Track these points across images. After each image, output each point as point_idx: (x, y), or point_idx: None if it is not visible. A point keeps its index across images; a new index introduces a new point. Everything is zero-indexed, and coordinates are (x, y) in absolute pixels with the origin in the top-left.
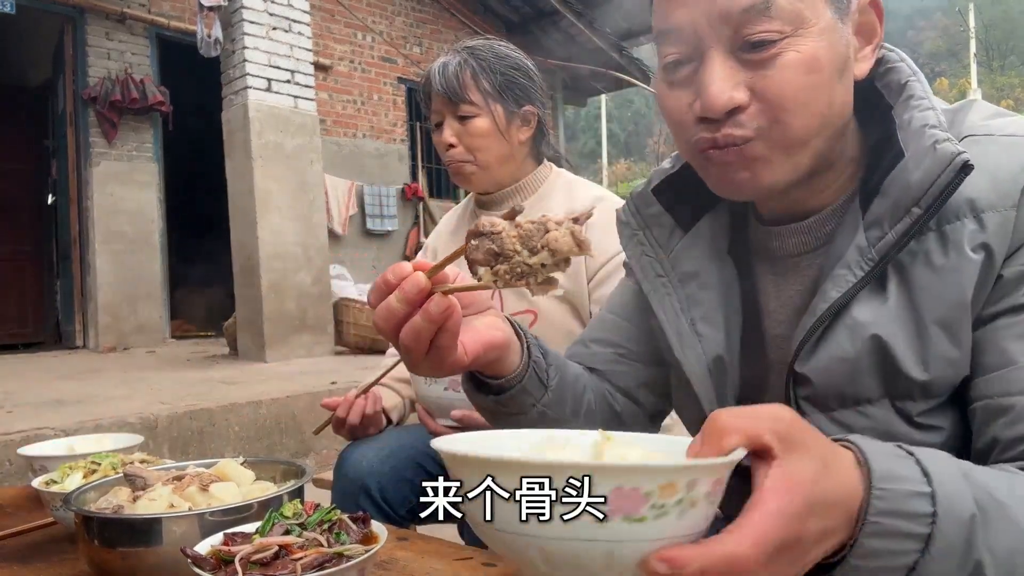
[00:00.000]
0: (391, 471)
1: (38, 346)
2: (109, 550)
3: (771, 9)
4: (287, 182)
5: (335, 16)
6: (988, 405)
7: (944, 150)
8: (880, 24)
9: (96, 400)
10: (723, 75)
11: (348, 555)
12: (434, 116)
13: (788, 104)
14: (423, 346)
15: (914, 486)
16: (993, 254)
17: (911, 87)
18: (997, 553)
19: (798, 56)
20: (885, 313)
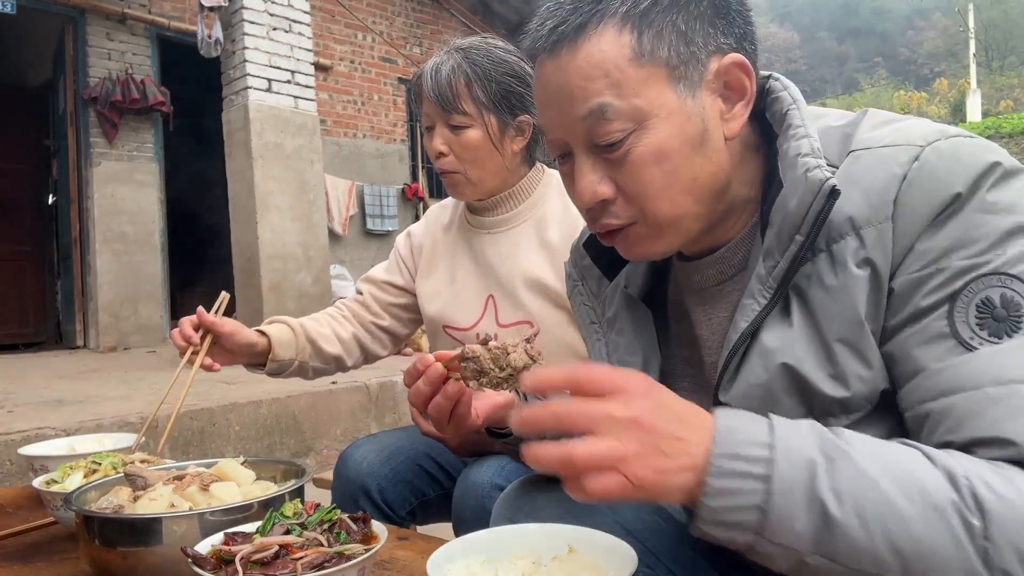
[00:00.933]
0: (391, 472)
1: (38, 346)
2: (110, 549)
3: (608, 112)
4: (287, 182)
5: (335, 16)
6: (912, 416)
7: (814, 177)
8: (750, 79)
9: (97, 400)
10: (587, 173)
11: (348, 555)
12: (425, 119)
13: (647, 196)
14: (445, 416)
15: (753, 436)
16: (877, 268)
17: (790, 116)
18: (841, 493)
19: (646, 150)
20: (791, 337)
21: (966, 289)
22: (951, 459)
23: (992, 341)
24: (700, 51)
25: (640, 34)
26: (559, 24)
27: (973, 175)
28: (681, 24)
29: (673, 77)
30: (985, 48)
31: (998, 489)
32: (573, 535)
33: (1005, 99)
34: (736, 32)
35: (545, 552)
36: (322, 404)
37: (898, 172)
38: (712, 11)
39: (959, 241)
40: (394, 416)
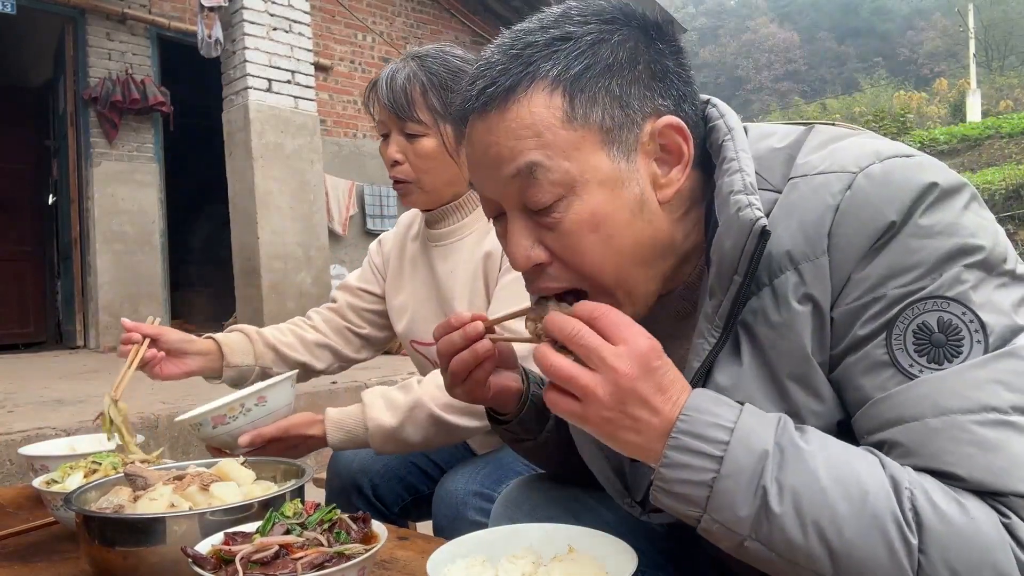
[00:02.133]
0: (383, 469)
1: (39, 346)
2: (110, 549)
3: (537, 173)
4: (287, 182)
5: (335, 17)
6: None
7: (745, 217)
8: (687, 142)
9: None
10: (519, 237)
11: (348, 555)
12: (380, 127)
13: (583, 264)
14: (464, 373)
15: (718, 420)
16: (818, 303)
17: (724, 148)
18: (784, 486)
19: (578, 216)
20: (742, 375)
21: (902, 315)
22: (903, 471)
23: (932, 368)
24: (636, 114)
25: (572, 98)
26: (489, 85)
27: (907, 200)
28: (616, 88)
29: (606, 141)
30: (985, 48)
31: (940, 505)
32: (573, 535)
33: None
34: (674, 94)
35: (545, 552)
36: (322, 404)
37: (831, 203)
38: (648, 75)
39: (895, 268)
40: None
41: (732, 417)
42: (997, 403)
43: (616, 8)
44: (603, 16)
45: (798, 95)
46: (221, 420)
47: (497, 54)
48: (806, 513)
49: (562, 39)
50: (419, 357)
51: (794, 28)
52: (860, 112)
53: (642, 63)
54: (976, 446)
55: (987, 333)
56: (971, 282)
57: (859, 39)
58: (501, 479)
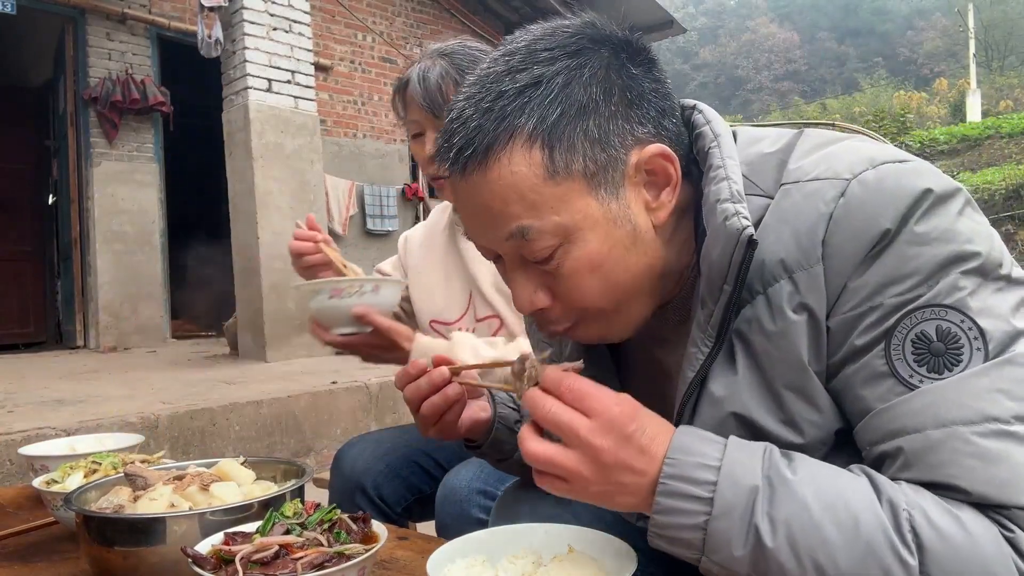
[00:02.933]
0: (387, 469)
1: (39, 346)
2: (110, 549)
3: (528, 233)
4: (287, 182)
5: (335, 17)
6: (868, 455)
7: (732, 226)
8: (675, 167)
9: (97, 400)
10: (521, 285)
11: (348, 555)
12: (412, 126)
13: (584, 304)
14: (436, 417)
15: (704, 460)
16: (813, 312)
17: (711, 155)
18: (776, 520)
19: (577, 263)
20: (737, 385)
21: (900, 325)
22: (899, 491)
23: (932, 378)
24: (617, 150)
25: (551, 150)
26: (465, 146)
27: (901, 208)
28: (593, 130)
29: (592, 185)
30: (985, 48)
31: (939, 525)
32: (573, 535)
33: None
34: (652, 115)
35: (545, 552)
36: (322, 404)
37: (824, 211)
38: (624, 104)
39: (891, 277)
40: (394, 416)
41: (717, 455)
42: (998, 413)
43: (582, 34)
44: (569, 48)
45: (798, 95)
46: (338, 293)
47: (469, 107)
48: (800, 546)
49: (532, 85)
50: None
51: (794, 28)
52: (860, 112)
53: (616, 93)
54: (978, 458)
55: (986, 340)
56: (968, 288)
57: (859, 39)
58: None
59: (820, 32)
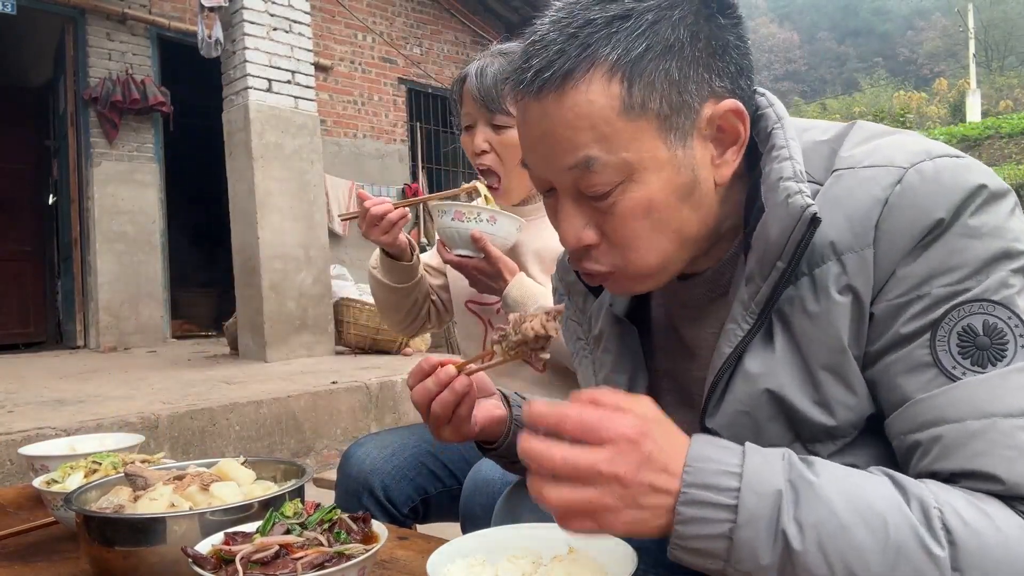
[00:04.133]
0: (394, 470)
1: (39, 346)
2: (110, 549)
3: (594, 166)
4: (288, 182)
5: (335, 17)
6: (899, 446)
7: (795, 204)
8: (745, 126)
9: (97, 400)
10: (571, 217)
11: (348, 554)
12: (465, 119)
13: (631, 247)
14: (448, 414)
15: (724, 466)
16: (859, 295)
17: (774, 136)
18: (804, 525)
19: (633, 202)
20: (774, 363)
21: (947, 317)
22: (926, 489)
23: (975, 371)
24: (693, 98)
25: (631, 85)
26: (545, 68)
27: (956, 200)
28: (675, 72)
29: (664, 128)
30: (985, 48)
31: (971, 521)
32: (574, 538)
33: (1005, 99)
34: (732, 71)
35: (545, 552)
36: (322, 404)
37: (880, 196)
38: (708, 53)
39: (940, 267)
40: (394, 416)
41: (737, 461)
42: None
43: None
44: None
45: (798, 95)
46: (460, 216)
47: (553, 31)
48: (830, 551)
49: (622, 17)
50: (472, 317)
51: (794, 28)
52: (860, 112)
53: (702, 40)
54: (1016, 450)
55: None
56: (1017, 287)
57: (859, 39)
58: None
59: (820, 32)
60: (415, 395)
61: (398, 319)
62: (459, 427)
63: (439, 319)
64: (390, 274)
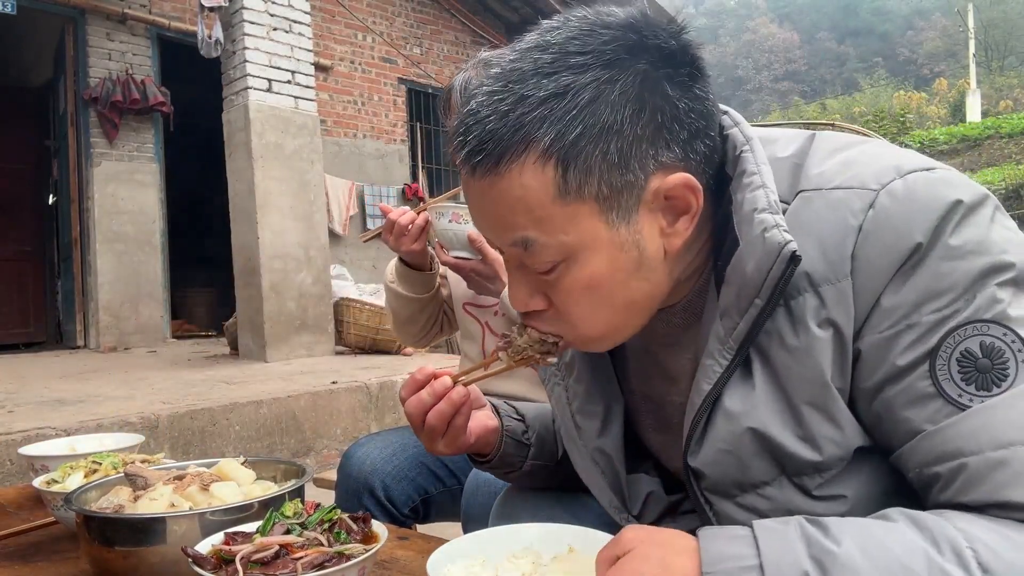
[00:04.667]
0: (395, 470)
1: (39, 346)
2: (110, 549)
3: (532, 246)
4: (288, 182)
5: (335, 17)
6: (918, 478)
7: (772, 240)
8: (697, 198)
9: (97, 400)
10: (519, 285)
11: (348, 554)
12: None
13: (577, 319)
14: (444, 426)
15: (742, 561)
16: (840, 328)
17: (743, 160)
18: None
19: (575, 280)
20: (754, 400)
21: (944, 344)
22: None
23: (981, 396)
24: (637, 175)
25: (565, 170)
26: (477, 150)
27: (933, 220)
28: (614, 154)
29: (604, 208)
30: (985, 48)
31: (1004, 554)
32: (573, 535)
33: (1005, 99)
34: (683, 137)
35: (545, 552)
36: (322, 404)
37: (853, 223)
38: (654, 128)
39: (927, 293)
40: (394, 416)
41: (752, 552)
42: None
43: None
44: (605, 56)
45: (798, 95)
46: (457, 218)
47: (487, 106)
48: None
49: (557, 95)
50: (470, 319)
51: (794, 28)
52: (860, 112)
53: (647, 112)
54: None
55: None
56: (1007, 300)
57: (859, 39)
58: None
59: (820, 32)
60: (409, 407)
61: (415, 331)
62: (455, 439)
63: (449, 327)
64: (411, 285)
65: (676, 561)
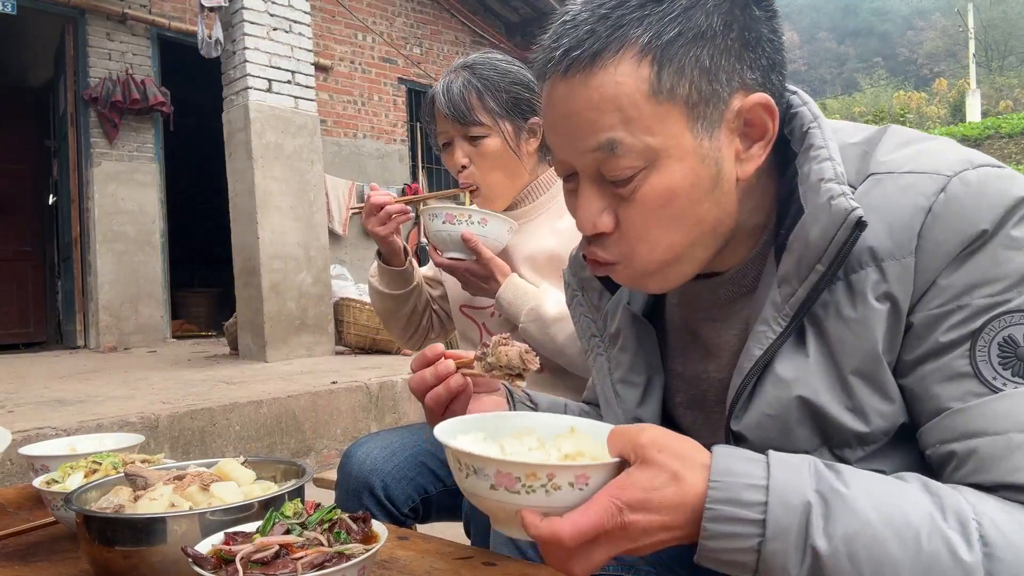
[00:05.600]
0: (395, 470)
1: (39, 346)
2: (110, 549)
3: (617, 149)
4: (288, 182)
5: (335, 17)
6: (935, 454)
7: (838, 207)
8: (773, 120)
9: (97, 400)
10: (589, 202)
11: (348, 554)
12: (441, 137)
13: (642, 238)
14: (441, 407)
15: (750, 479)
16: (897, 303)
17: (811, 135)
18: (834, 537)
19: (654, 190)
20: (807, 369)
21: (988, 327)
22: (962, 499)
23: (1016, 382)
24: (723, 88)
25: (660, 68)
26: (574, 47)
27: (1000, 211)
28: (705, 59)
29: (691, 116)
30: (985, 48)
31: (1008, 532)
32: (575, 420)
33: (1005, 99)
34: (764, 64)
35: (546, 433)
36: (322, 404)
37: (923, 204)
38: (740, 44)
39: (982, 278)
40: (394, 416)
41: (762, 473)
42: None
43: None
44: None
45: None
46: (451, 219)
47: (585, 11)
48: (862, 563)
49: (655, 1)
50: (467, 321)
51: (794, 28)
52: (860, 112)
53: (735, 30)
54: None
55: None
56: None
57: (859, 39)
58: None
59: (820, 32)
60: (412, 382)
61: (399, 328)
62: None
63: (443, 330)
64: (386, 281)
65: (688, 475)
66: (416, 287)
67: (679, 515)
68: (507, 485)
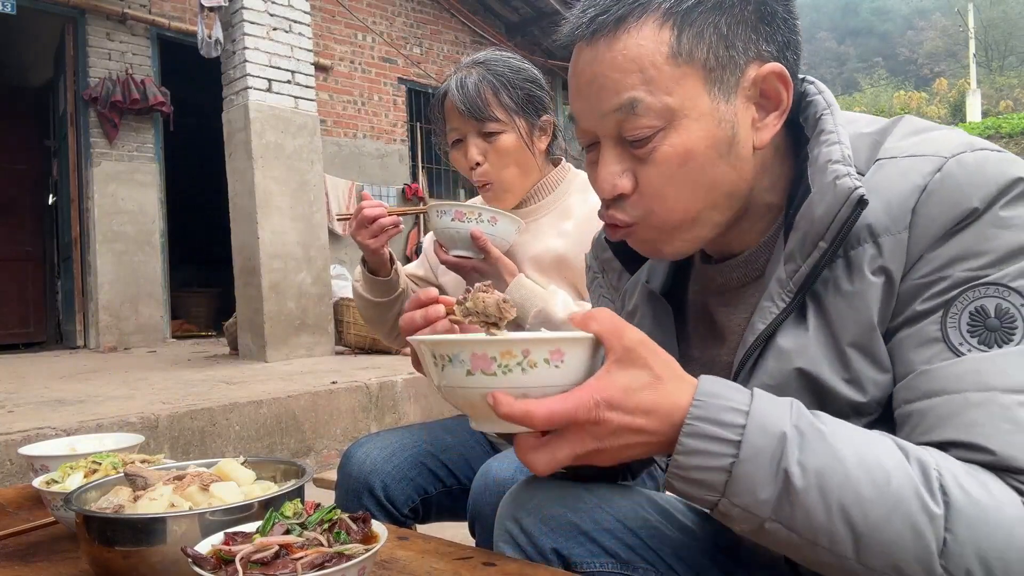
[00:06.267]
0: (394, 470)
1: (39, 346)
2: (110, 549)
3: (638, 108)
4: (288, 182)
5: (335, 17)
6: (899, 415)
7: (843, 185)
8: (788, 90)
9: (97, 400)
10: (610, 164)
11: (348, 554)
12: (453, 134)
13: (661, 197)
14: None
15: (732, 404)
16: (891, 275)
17: (823, 122)
18: (807, 467)
19: (671, 150)
20: (806, 341)
21: (961, 296)
22: (926, 453)
23: (980, 349)
24: (739, 56)
25: (680, 32)
26: (600, 13)
27: (992, 190)
28: (723, 27)
29: (708, 80)
30: (985, 48)
31: (968, 488)
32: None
33: (1005, 99)
34: (779, 40)
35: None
36: (322, 404)
37: (919, 183)
38: (756, 16)
39: (966, 252)
40: (394, 416)
41: (745, 400)
42: None
43: None
44: None
45: None
46: (460, 216)
47: None
48: (831, 494)
49: None
50: None
51: None
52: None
53: (752, 4)
54: (1012, 423)
55: None
56: None
57: (859, 39)
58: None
59: (820, 32)
60: (403, 320)
61: (384, 332)
62: None
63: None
64: (371, 289)
65: (670, 384)
66: (402, 293)
67: (653, 421)
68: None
